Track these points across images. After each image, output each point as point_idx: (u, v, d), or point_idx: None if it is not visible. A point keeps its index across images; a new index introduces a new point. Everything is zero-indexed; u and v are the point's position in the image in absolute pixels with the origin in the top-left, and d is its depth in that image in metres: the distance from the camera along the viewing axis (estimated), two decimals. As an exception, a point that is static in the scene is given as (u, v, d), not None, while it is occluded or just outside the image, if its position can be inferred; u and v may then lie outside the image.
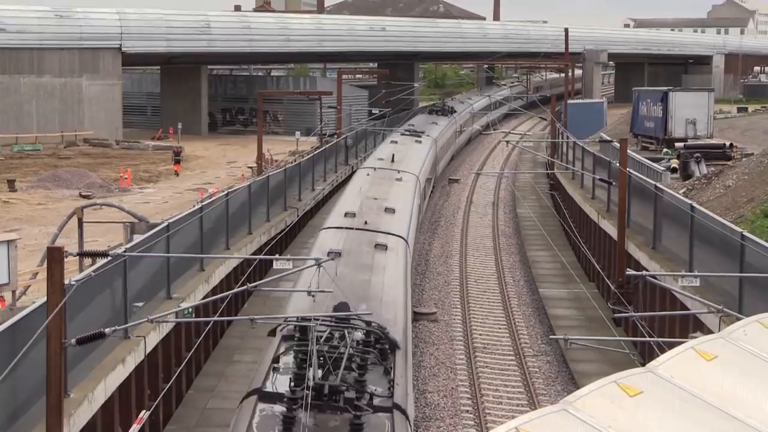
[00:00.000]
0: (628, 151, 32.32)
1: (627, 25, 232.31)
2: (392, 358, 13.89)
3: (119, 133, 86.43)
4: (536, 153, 68.54)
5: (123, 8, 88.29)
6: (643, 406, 6.32)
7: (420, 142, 47.08)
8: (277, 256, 25.11)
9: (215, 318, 22.94)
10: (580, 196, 42.02)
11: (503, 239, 45.15)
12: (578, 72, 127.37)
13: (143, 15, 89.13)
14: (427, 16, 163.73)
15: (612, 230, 32.47)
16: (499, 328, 30.61)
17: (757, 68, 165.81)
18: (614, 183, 33.12)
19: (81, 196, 56.24)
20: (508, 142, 61.67)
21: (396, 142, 44.54)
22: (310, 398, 11.09)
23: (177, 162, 71.73)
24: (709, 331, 18.81)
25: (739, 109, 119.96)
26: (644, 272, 23.56)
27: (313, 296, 16.23)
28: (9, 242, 29.24)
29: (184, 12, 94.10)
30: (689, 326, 21.97)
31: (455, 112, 70.88)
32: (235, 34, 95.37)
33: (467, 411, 23.53)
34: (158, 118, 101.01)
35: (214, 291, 25.70)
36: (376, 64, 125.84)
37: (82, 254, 21.22)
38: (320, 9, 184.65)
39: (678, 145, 65.01)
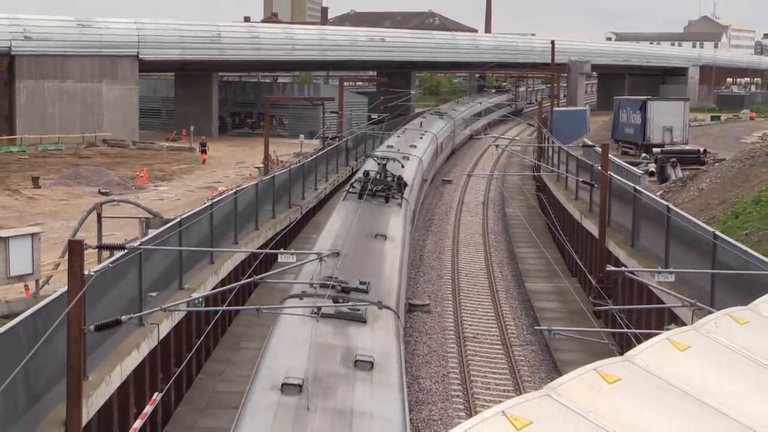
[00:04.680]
0: (609, 155, 32.32)
1: (609, 39, 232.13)
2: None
3: (136, 134, 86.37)
4: (524, 156, 68.54)
5: (140, 18, 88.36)
6: (621, 393, 6.33)
7: (363, 322, 14.90)
8: (281, 250, 25.12)
9: (224, 307, 22.95)
10: (564, 197, 42.01)
11: (492, 237, 45.13)
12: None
13: (159, 25, 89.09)
14: (423, 28, 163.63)
15: (594, 229, 32.47)
16: (488, 320, 30.60)
17: (729, 79, 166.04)
18: (596, 185, 33.12)
19: (100, 192, 56.21)
20: (497, 146, 61.53)
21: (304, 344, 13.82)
22: None
23: (203, 152, 75.74)
24: (683, 324, 18.82)
25: (713, 118, 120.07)
26: (623, 268, 23.58)
27: (314, 287, 16.22)
28: (33, 235, 29.28)
29: (197, 23, 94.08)
30: (664, 319, 21.98)
31: (405, 186, 30.33)
32: (244, 43, 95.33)
33: (457, 396, 23.53)
34: (172, 121, 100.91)
35: (222, 282, 25.69)
36: (375, 73, 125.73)
37: (100, 247, 21.25)
38: (324, 21, 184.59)
39: (655, 150, 65.16)
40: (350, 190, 28.19)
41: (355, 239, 21.04)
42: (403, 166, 34.78)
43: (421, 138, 51.86)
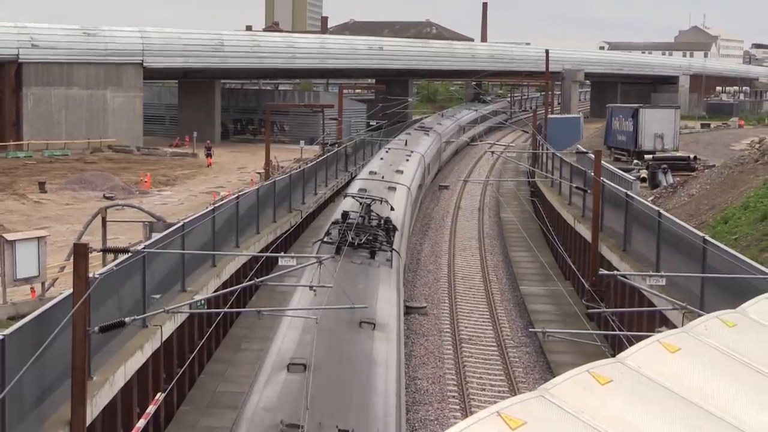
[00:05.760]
0: (601, 161, 32.33)
1: (602, 48, 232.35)
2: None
3: (140, 140, 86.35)
4: (519, 163, 68.54)
5: (145, 27, 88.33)
6: (613, 394, 6.33)
7: None
8: (282, 253, 25.08)
9: (225, 309, 22.91)
10: (558, 202, 42.01)
11: (488, 241, 45.13)
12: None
13: (163, 33, 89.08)
14: (421, 37, 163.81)
15: (587, 233, 32.47)
16: (484, 322, 30.59)
17: (718, 88, 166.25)
18: (589, 191, 33.13)
19: (105, 197, 56.16)
20: (493, 152, 61.51)
21: None
22: None
23: (209, 156, 76.21)
24: (674, 326, 18.81)
25: (703, 125, 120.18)
26: (615, 272, 23.57)
27: (314, 290, 16.18)
28: (39, 239, 29.25)
29: (200, 31, 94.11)
30: (655, 321, 21.98)
31: (395, 231, 24.57)
32: (246, 51, 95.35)
33: (453, 396, 23.52)
34: (175, 127, 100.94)
35: (224, 285, 25.67)
36: (374, 80, 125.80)
37: (105, 250, 21.20)
38: (324, 29, 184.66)
39: (647, 156, 65.17)
40: (325, 239, 21.67)
41: (330, 333, 14.35)
42: (392, 208, 27.19)
43: (407, 160, 44.44)
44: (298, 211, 39.54)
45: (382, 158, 44.14)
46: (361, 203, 24.76)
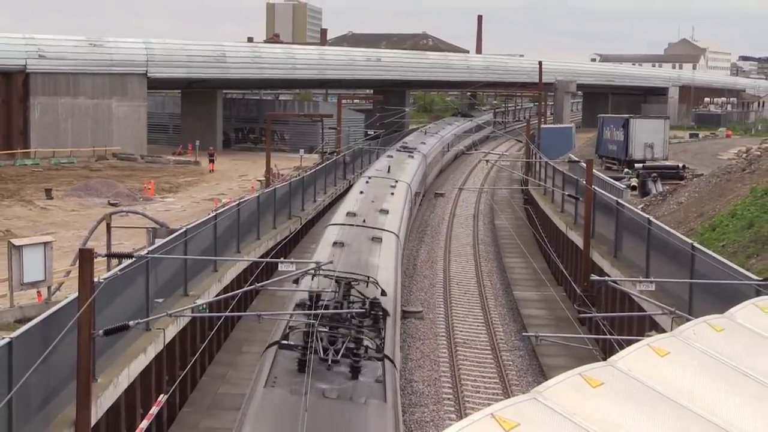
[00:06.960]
0: (593, 170, 32.35)
1: (593, 60, 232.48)
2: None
3: (144, 148, 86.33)
4: (512, 171, 68.57)
5: (149, 38, 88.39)
6: (604, 396, 6.33)
7: None
8: (282, 259, 25.09)
9: (226, 313, 22.90)
10: (550, 209, 42.03)
11: (482, 247, 45.12)
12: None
13: (167, 45, 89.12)
14: (417, 49, 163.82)
15: (578, 240, 32.48)
16: (478, 326, 30.58)
17: (707, 99, 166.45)
18: (581, 199, 33.15)
19: (109, 204, 56.13)
20: (487, 161, 61.50)
21: None
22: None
23: (211, 161, 77.20)
24: (663, 331, 18.82)
25: (691, 135, 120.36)
26: (606, 278, 23.57)
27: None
28: (46, 244, 29.27)
29: (203, 43, 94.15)
30: (645, 326, 21.98)
31: (386, 318, 15.97)
32: (247, 62, 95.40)
33: (448, 399, 23.50)
34: (178, 135, 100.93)
35: (225, 289, 25.67)
36: (372, 91, 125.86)
37: (109, 255, 21.22)
38: (323, 41, 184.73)
39: (637, 165, 65.28)
40: (282, 343, 13.63)
41: None
42: (384, 293, 17.31)
43: (392, 193, 34.57)
44: (297, 217, 39.54)
45: (362, 192, 33.61)
46: (338, 282, 16.49)
